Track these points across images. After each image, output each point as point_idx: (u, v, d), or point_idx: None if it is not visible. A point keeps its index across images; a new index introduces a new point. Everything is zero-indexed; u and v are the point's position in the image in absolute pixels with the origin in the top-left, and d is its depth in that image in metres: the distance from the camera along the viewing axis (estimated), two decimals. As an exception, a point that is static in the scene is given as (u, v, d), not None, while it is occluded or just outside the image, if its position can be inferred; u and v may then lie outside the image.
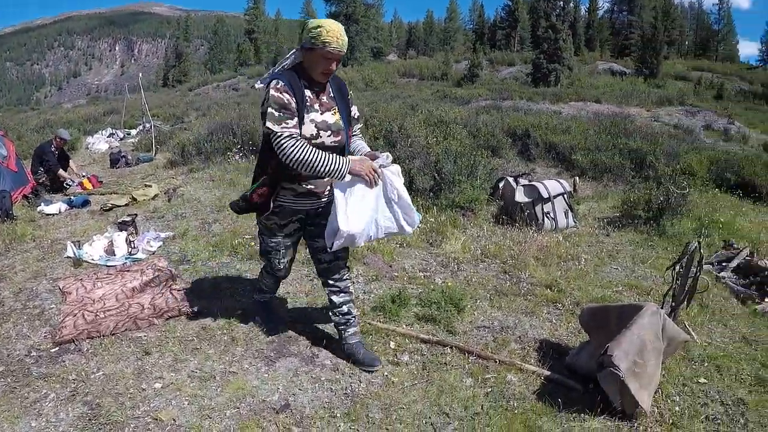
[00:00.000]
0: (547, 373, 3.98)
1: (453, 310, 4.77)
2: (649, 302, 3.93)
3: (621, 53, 57.04)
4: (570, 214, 7.86)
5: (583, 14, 69.56)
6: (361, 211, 3.40)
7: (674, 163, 11.45)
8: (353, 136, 3.80)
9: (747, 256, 6.74)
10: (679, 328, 4.11)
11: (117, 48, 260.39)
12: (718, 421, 3.68)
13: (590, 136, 13.45)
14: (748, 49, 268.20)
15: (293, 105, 3.30)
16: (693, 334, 4.77)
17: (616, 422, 3.52)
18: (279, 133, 3.25)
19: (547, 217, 7.54)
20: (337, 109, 3.56)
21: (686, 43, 69.60)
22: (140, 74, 23.76)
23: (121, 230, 6.85)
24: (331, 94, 3.59)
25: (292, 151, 3.23)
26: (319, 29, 3.25)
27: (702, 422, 3.64)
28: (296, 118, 3.31)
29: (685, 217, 8.21)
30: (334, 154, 3.32)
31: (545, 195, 7.57)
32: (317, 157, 3.25)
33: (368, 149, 3.72)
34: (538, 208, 7.57)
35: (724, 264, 6.69)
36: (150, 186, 9.56)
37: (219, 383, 3.77)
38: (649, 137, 13.91)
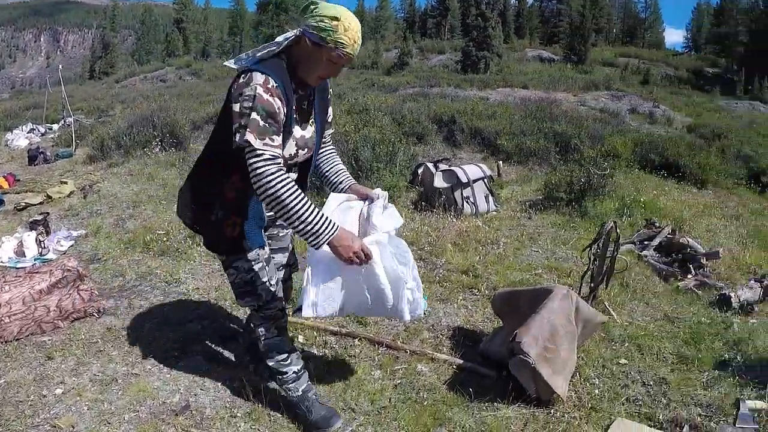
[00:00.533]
0: (460, 361, 3.79)
1: None
2: (559, 285, 3.81)
3: (550, 41, 58.04)
4: (491, 198, 7.74)
5: (513, 2, 70.54)
6: (334, 294, 2.72)
7: (599, 145, 11.54)
8: (324, 145, 3.04)
9: (669, 234, 6.74)
10: (596, 309, 3.99)
11: (42, 39, 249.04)
12: (639, 402, 3.57)
13: (516, 121, 13.46)
14: (674, 37, 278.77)
15: (282, 115, 2.47)
16: (613, 314, 4.68)
17: (532, 409, 3.35)
18: (259, 152, 2.36)
19: (467, 202, 7.39)
20: (314, 118, 2.83)
21: (614, 30, 71.41)
22: (60, 66, 22.58)
23: (31, 230, 6.42)
24: (313, 98, 2.79)
25: (272, 184, 2.36)
26: (336, 23, 2.40)
27: (623, 404, 3.53)
28: (281, 134, 2.49)
29: (607, 197, 8.22)
30: (320, 213, 2.48)
31: (464, 180, 7.41)
32: (299, 207, 2.39)
33: (348, 175, 3.03)
34: (457, 194, 7.41)
35: (646, 243, 6.68)
36: (66, 183, 9.03)
37: (120, 386, 3.54)
38: (574, 121, 14.06)
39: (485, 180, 7.73)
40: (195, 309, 4.67)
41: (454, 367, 3.75)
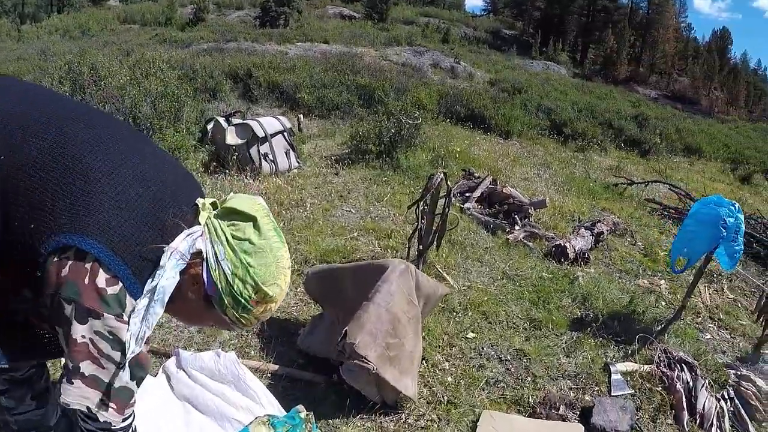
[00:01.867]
0: (274, 367, 2.86)
1: None
2: (395, 259, 3.02)
3: (351, -1, 57.82)
4: (292, 154, 6.83)
5: (314, -41, 69.34)
6: None
7: (404, 97, 11.20)
8: None
9: (490, 184, 6.34)
10: (432, 279, 3.25)
11: None
12: (501, 384, 3.00)
13: (317, 75, 12.72)
14: (474, 0, 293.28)
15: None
16: (449, 279, 4.03)
17: (378, 419, 2.56)
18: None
19: (265, 159, 6.42)
20: None
21: (416, -9, 73.00)
22: None
23: None
24: None
25: None
26: (260, 305, 1.37)
27: (483, 389, 2.94)
28: None
29: (419, 149, 7.81)
30: None
31: (261, 134, 6.41)
32: None
33: None
34: (253, 150, 6.39)
35: (467, 194, 6.20)
36: None
37: None
38: (377, 74, 13.83)
39: (285, 134, 6.78)
40: None
41: (269, 375, 2.82)
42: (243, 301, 1.33)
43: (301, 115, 9.99)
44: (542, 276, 4.36)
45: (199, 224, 1.32)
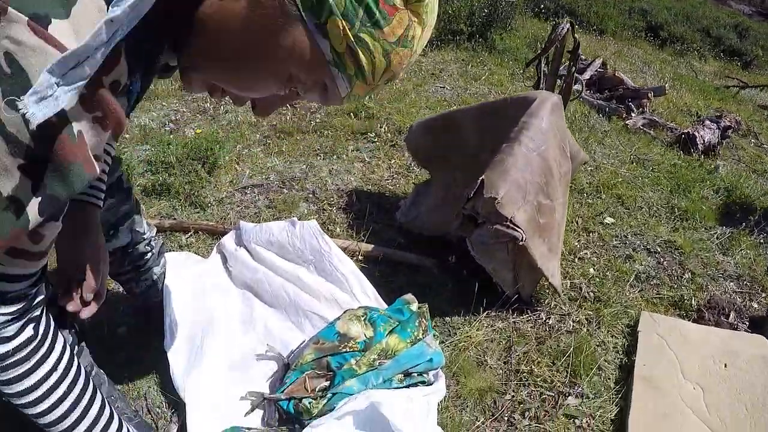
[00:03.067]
0: (368, 247, 2.18)
1: (201, 170, 2.73)
2: (540, 91, 2.24)
3: None
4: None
5: None
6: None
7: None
8: None
9: (600, 67, 5.43)
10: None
11: None
12: (655, 280, 2.29)
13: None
14: None
15: None
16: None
17: (510, 317, 1.90)
18: None
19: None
20: None
21: None
22: None
23: None
24: None
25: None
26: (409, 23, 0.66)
27: (633, 286, 2.24)
28: None
29: (514, 32, 6.82)
30: None
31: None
32: None
33: None
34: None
35: (576, 77, 5.29)
36: None
37: None
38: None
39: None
40: None
41: (360, 258, 2.16)
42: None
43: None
44: (675, 163, 3.58)
45: None
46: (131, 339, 1.71)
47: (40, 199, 0.63)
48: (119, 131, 0.65)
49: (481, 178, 1.66)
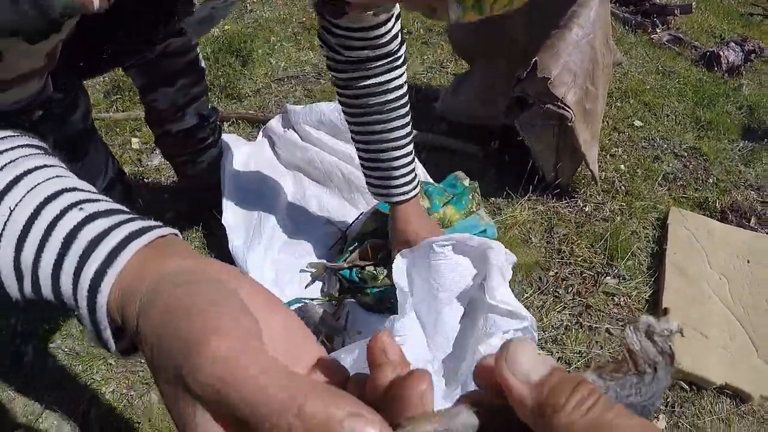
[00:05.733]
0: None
1: (236, 62, 2.72)
2: None
3: None
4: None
5: None
6: None
7: None
8: None
9: (626, -19, 5.26)
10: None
11: None
12: (681, 181, 2.33)
13: None
14: None
15: None
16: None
17: (550, 202, 1.96)
18: None
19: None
20: None
21: None
22: None
23: None
24: None
25: None
26: None
27: (661, 185, 2.28)
28: None
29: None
30: None
31: None
32: None
33: None
34: None
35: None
36: None
37: None
38: None
39: None
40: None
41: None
42: None
43: None
44: (701, 78, 3.57)
45: None
46: (179, 223, 1.76)
47: None
48: None
49: (534, 59, 1.67)
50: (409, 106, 1.25)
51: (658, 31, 4.62)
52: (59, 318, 1.62)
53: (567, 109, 1.63)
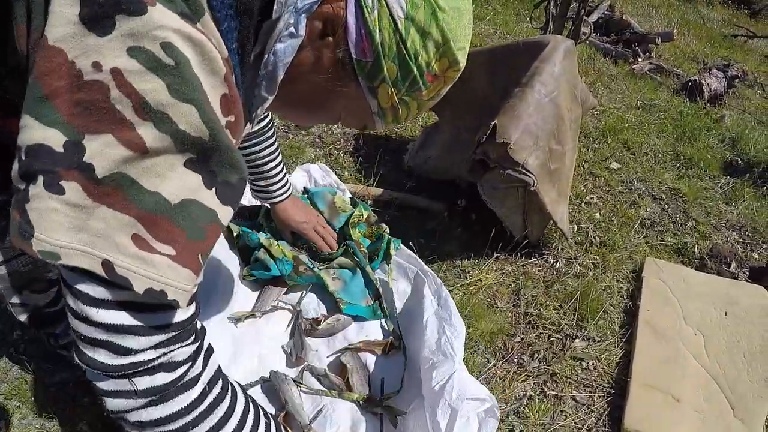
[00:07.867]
0: (377, 191, 2.15)
1: None
2: (552, 35, 2.20)
3: None
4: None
5: None
6: None
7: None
8: None
9: (607, 9, 5.28)
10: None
11: None
12: (659, 226, 2.26)
13: None
14: None
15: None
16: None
17: (519, 261, 1.89)
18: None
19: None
20: None
21: None
22: None
23: None
24: None
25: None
26: (451, 62, 0.77)
27: (638, 232, 2.21)
28: None
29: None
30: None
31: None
32: None
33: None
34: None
35: (584, 19, 5.17)
36: None
37: None
38: None
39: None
40: None
41: (370, 203, 2.10)
42: (415, 69, 0.71)
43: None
44: (681, 110, 3.52)
45: None
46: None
47: (215, 189, 0.61)
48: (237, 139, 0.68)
49: (493, 123, 1.61)
50: (273, 131, 1.53)
51: (639, 60, 4.59)
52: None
53: (528, 174, 1.57)
